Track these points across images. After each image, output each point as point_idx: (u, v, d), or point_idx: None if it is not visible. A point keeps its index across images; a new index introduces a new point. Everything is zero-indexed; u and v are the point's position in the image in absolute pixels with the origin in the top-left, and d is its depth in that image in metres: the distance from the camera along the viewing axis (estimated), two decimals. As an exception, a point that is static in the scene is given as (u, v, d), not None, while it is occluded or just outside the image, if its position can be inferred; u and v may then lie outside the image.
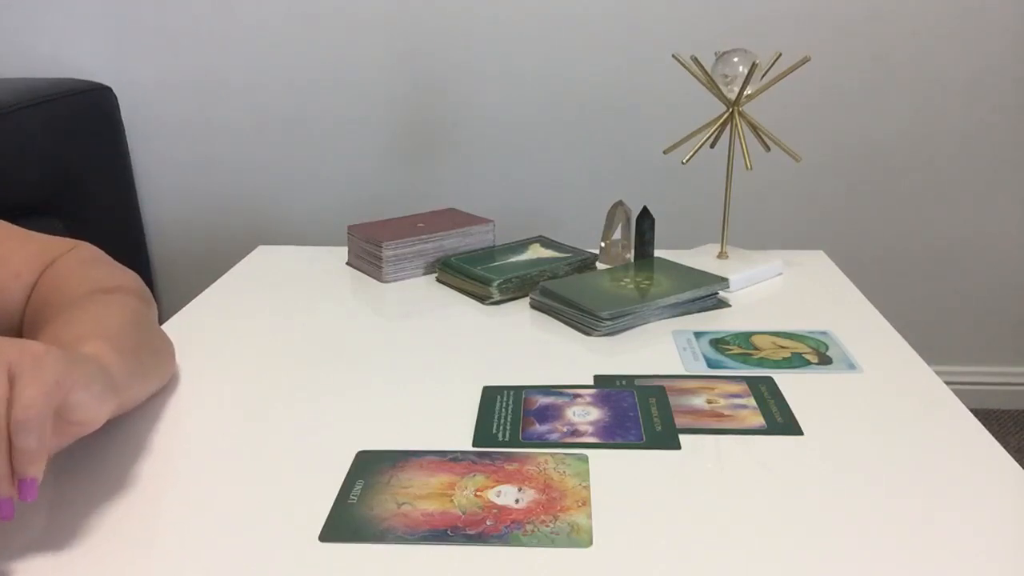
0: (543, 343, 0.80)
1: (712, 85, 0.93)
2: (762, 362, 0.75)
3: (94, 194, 1.56)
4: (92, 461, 0.60)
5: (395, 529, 0.51)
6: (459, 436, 0.63)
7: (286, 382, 0.72)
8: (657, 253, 1.01)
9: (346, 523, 0.52)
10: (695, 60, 0.93)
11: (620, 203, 1.00)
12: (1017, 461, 0.58)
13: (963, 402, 0.67)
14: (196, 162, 1.72)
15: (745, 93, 0.92)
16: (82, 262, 0.71)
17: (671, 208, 1.69)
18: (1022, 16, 1.57)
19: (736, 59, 0.92)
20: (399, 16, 1.62)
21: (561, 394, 0.69)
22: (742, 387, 0.70)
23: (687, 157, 0.95)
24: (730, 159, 0.97)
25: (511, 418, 0.65)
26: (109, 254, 0.76)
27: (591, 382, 0.71)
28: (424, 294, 0.93)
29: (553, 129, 1.68)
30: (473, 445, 0.61)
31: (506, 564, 0.48)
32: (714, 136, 0.96)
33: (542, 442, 0.61)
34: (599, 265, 1.00)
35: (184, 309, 0.89)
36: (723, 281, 0.91)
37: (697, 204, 1.70)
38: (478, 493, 0.55)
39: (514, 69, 1.64)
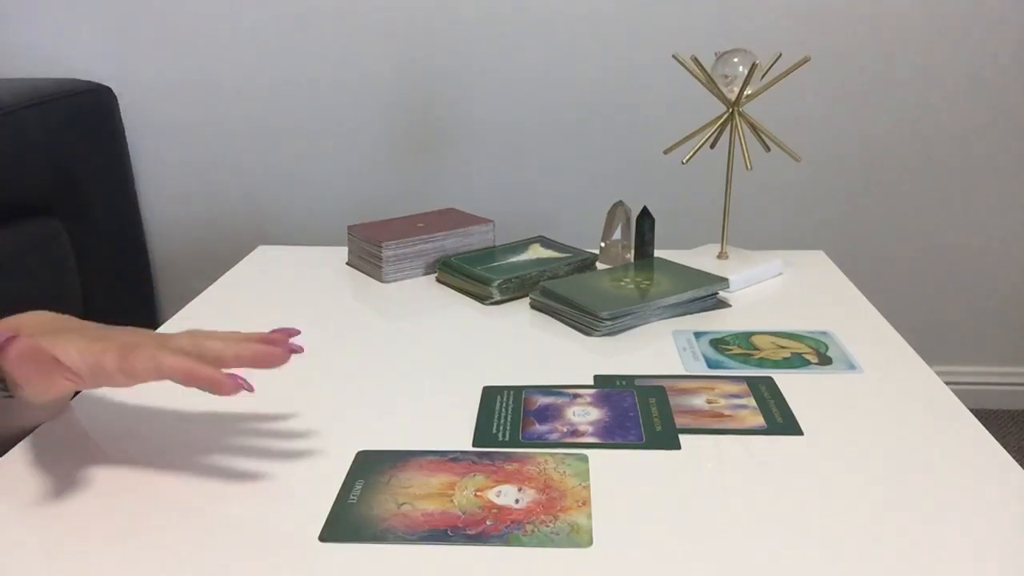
0: (543, 343, 0.80)
1: (712, 85, 0.93)
2: (762, 362, 0.75)
3: (94, 194, 1.56)
4: (90, 462, 0.60)
5: (395, 529, 0.51)
6: (459, 436, 0.63)
7: (286, 382, 0.72)
8: (657, 253, 1.01)
9: (346, 523, 0.52)
10: (695, 60, 0.93)
11: (620, 203, 1.00)
12: (1017, 461, 0.58)
13: (963, 402, 0.67)
14: (196, 162, 1.72)
15: (745, 93, 0.92)
16: None
17: (671, 208, 1.69)
18: (1022, 16, 1.57)
19: (736, 59, 0.92)
20: (399, 16, 1.62)
21: (561, 394, 0.69)
22: (742, 387, 0.70)
23: (687, 157, 0.95)
24: (730, 159, 0.97)
25: (511, 418, 0.65)
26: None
27: (591, 382, 0.71)
28: (424, 294, 0.93)
29: (553, 129, 1.68)
30: (473, 445, 0.61)
31: (506, 564, 0.49)
32: (714, 136, 0.96)
33: (542, 442, 0.61)
34: (599, 265, 1.00)
35: (184, 309, 0.89)
36: (723, 281, 0.91)
37: (697, 204, 1.70)
38: (478, 493, 0.55)
39: (514, 69, 1.64)
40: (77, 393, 0.69)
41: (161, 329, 0.83)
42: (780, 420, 0.65)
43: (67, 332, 0.54)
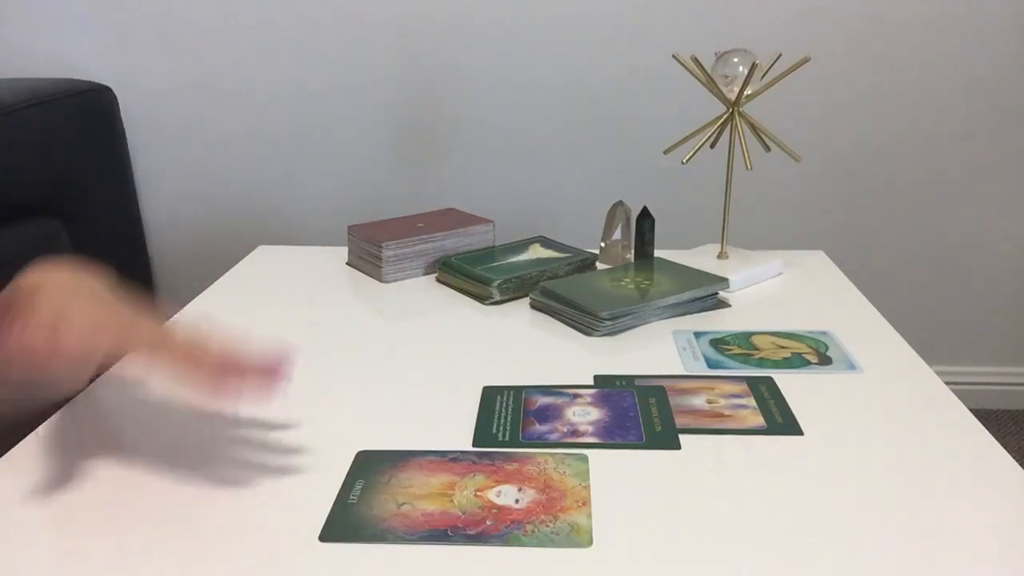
0: (543, 343, 0.80)
1: (712, 85, 0.93)
2: (762, 362, 0.75)
3: (94, 194, 1.56)
4: (98, 456, 0.60)
5: (395, 529, 0.51)
6: (459, 436, 0.63)
7: (286, 382, 0.72)
8: (657, 253, 1.01)
9: (346, 523, 0.52)
10: (695, 60, 0.93)
11: (620, 203, 1.00)
12: (1017, 461, 0.58)
13: (963, 402, 0.67)
14: (196, 162, 1.72)
15: (745, 93, 0.92)
16: None
17: (671, 208, 1.69)
18: (1022, 16, 1.57)
19: (736, 59, 0.92)
20: (399, 17, 1.62)
21: (561, 394, 0.69)
22: (742, 387, 0.70)
23: (687, 157, 0.95)
24: (730, 159, 0.97)
25: (511, 418, 0.65)
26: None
27: (591, 382, 0.71)
28: (424, 294, 0.93)
29: (553, 129, 1.68)
30: (473, 445, 0.61)
31: (506, 564, 0.49)
32: (714, 136, 0.96)
33: (542, 442, 0.61)
34: (599, 265, 1.00)
35: (184, 309, 0.89)
36: (723, 281, 0.91)
37: (697, 204, 1.70)
38: (478, 493, 0.55)
39: (514, 69, 1.64)
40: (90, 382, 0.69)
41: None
42: (780, 420, 0.65)
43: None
